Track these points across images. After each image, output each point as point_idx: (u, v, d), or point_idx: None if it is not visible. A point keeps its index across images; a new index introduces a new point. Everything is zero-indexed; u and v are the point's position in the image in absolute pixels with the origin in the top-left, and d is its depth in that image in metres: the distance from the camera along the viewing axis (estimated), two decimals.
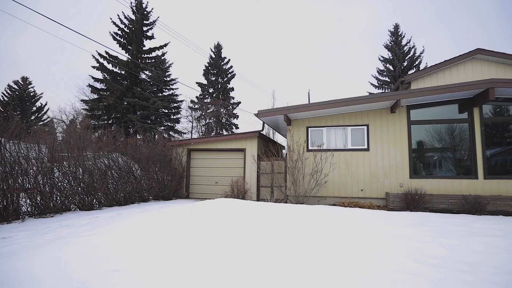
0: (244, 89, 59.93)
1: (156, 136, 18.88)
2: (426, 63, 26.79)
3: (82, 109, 24.34)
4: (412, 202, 8.03)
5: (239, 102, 28.50)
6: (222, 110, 27.99)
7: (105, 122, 21.99)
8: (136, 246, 3.37)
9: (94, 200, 8.17)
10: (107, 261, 2.86)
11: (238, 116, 28.62)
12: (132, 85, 22.33)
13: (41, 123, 31.91)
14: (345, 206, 8.19)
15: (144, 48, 23.57)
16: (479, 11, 61.25)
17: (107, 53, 21.69)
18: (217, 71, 29.14)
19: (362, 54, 58.62)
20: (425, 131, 9.15)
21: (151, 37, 23.69)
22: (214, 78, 29.26)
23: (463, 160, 8.86)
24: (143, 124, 21.03)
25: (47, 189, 6.92)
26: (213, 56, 29.47)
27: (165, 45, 23.74)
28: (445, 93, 8.26)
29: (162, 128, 23.80)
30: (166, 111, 24.15)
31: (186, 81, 48.72)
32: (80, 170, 7.88)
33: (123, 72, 22.34)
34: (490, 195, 8.10)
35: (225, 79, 29.11)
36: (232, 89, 28.97)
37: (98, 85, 22.54)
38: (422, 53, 26.77)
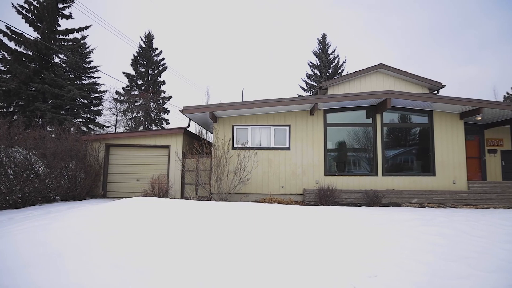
0: (177, 84, 57.82)
1: (72, 129, 16.74)
2: (348, 72, 29.82)
3: None
4: (324, 197, 8.83)
5: (170, 97, 27.29)
6: (151, 104, 26.41)
7: (4, 110, 18.61)
8: None
9: None
10: None
11: (169, 111, 27.42)
12: (41, 69, 19.36)
13: None
14: (265, 203, 8.55)
15: (59, 28, 20.66)
16: (396, 29, 70.80)
17: (8, 28, 18.34)
18: (147, 62, 27.36)
19: (296, 58, 62.18)
20: (338, 133, 10.16)
21: (69, 17, 20.90)
22: (143, 70, 27.39)
23: (368, 159, 10.11)
24: (55, 114, 18.44)
25: None
26: (143, 46, 27.56)
27: (86, 27, 21.24)
28: (354, 100, 9.30)
29: (80, 120, 21.27)
30: (85, 101, 21.66)
31: (112, 70, 44.66)
32: None
33: (30, 53, 19.21)
34: (386, 189, 9.44)
35: (156, 71, 27.52)
36: (164, 82, 27.57)
37: None
38: (344, 62, 29.68)
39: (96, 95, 22.47)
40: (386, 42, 70.39)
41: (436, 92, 12.80)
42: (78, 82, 21.63)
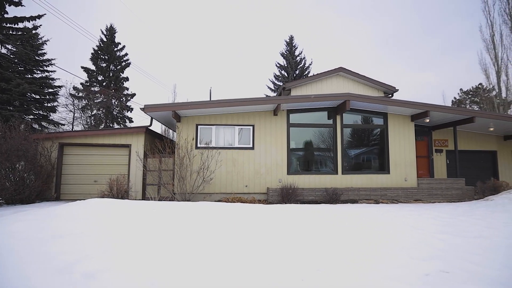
0: (142, 82, 55.73)
1: (22, 126, 15.40)
2: (313, 74, 30.75)
3: None
4: (287, 196, 9.07)
5: (134, 94, 26.19)
6: (113, 101, 25.15)
7: None
8: None
9: None
10: None
11: (132, 109, 26.27)
12: None
13: None
14: (229, 202, 8.58)
15: (6, 16, 18.88)
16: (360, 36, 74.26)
17: None
18: (109, 57, 25.98)
19: (265, 58, 62.81)
20: (301, 133, 10.48)
21: (18, 3, 19.14)
22: (105, 65, 25.96)
23: (329, 159, 10.55)
24: (1, 110, 16.86)
25: None
26: (105, 39, 26.10)
27: (39, 16, 19.60)
28: (315, 101, 9.66)
29: (31, 117, 19.66)
30: (38, 97, 20.05)
31: (69, 65, 41.73)
32: None
33: None
34: (345, 187, 9.92)
35: (119, 67, 26.23)
36: (127, 79, 26.37)
37: None
38: (310, 64, 30.57)
39: (50, 90, 20.87)
40: (353, 46, 73.71)
41: (390, 95, 13.71)
42: (29, 76, 19.95)
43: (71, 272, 2.74)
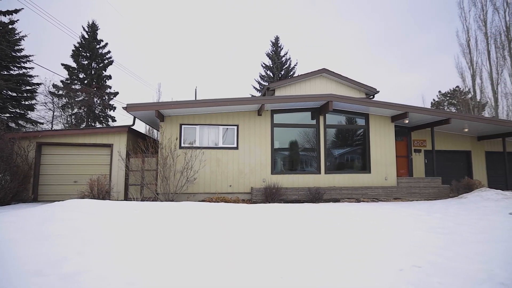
0: (126, 81, 54.60)
1: None
2: (298, 74, 31.07)
3: None
4: (270, 195, 9.16)
5: (117, 93, 25.60)
6: (96, 99, 24.49)
7: None
8: None
9: None
10: None
11: (115, 107, 25.65)
12: None
13: None
14: (212, 202, 8.57)
15: None
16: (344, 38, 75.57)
17: None
18: (91, 55, 25.27)
19: (251, 58, 62.88)
20: (285, 134, 10.60)
21: None
22: (86, 62, 25.23)
23: (312, 159, 10.71)
24: None
25: None
26: (86, 36, 25.37)
27: (16, 11, 18.86)
28: (299, 102, 9.80)
29: (7, 115, 18.89)
30: (14, 94, 19.28)
31: (49, 62, 40.30)
32: None
33: None
34: (327, 186, 10.11)
35: (101, 64, 25.56)
36: (109, 77, 25.73)
37: None
38: (295, 65, 30.86)
39: (28, 87, 20.12)
40: (338, 48, 74.91)
41: (372, 96, 14.08)
42: (5, 73, 19.15)
43: (47, 274, 2.70)
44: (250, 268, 3.08)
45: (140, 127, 28.29)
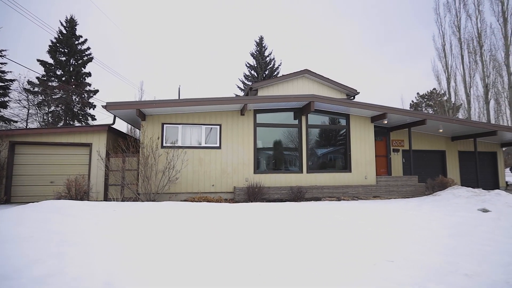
0: (108, 78, 53.12)
1: None
2: (282, 74, 31.31)
3: None
4: (253, 194, 9.22)
5: (97, 90, 24.87)
6: (74, 97, 23.68)
7: None
8: None
9: None
10: None
11: (95, 106, 24.92)
12: None
13: None
14: (194, 201, 8.54)
15: None
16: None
17: None
18: (69, 51, 24.42)
19: (235, 57, 62.73)
20: (268, 133, 10.68)
21: None
22: (64, 59, 24.34)
23: (295, 158, 10.87)
24: None
25: None
26: (64, 32, 24.48)
27: None
28: (281, 102, 9.91)
29: None
30: None
31: (23, 58, 38.63)
32: None
33: None
34: (309, 185, 10.28)
35: (80, 61, 24.74)
36: (89, 74, 24.97)
37: None
38: (280, 65, 31.09)
39: (1, 84, 19.25)
40: (321, 49, 76.06)
41: (352, 97, 14.43)
42: None
43: (19, 278, 2.63)
44: (229, 265, 3.12)
45: (122, 126, 27.67)
